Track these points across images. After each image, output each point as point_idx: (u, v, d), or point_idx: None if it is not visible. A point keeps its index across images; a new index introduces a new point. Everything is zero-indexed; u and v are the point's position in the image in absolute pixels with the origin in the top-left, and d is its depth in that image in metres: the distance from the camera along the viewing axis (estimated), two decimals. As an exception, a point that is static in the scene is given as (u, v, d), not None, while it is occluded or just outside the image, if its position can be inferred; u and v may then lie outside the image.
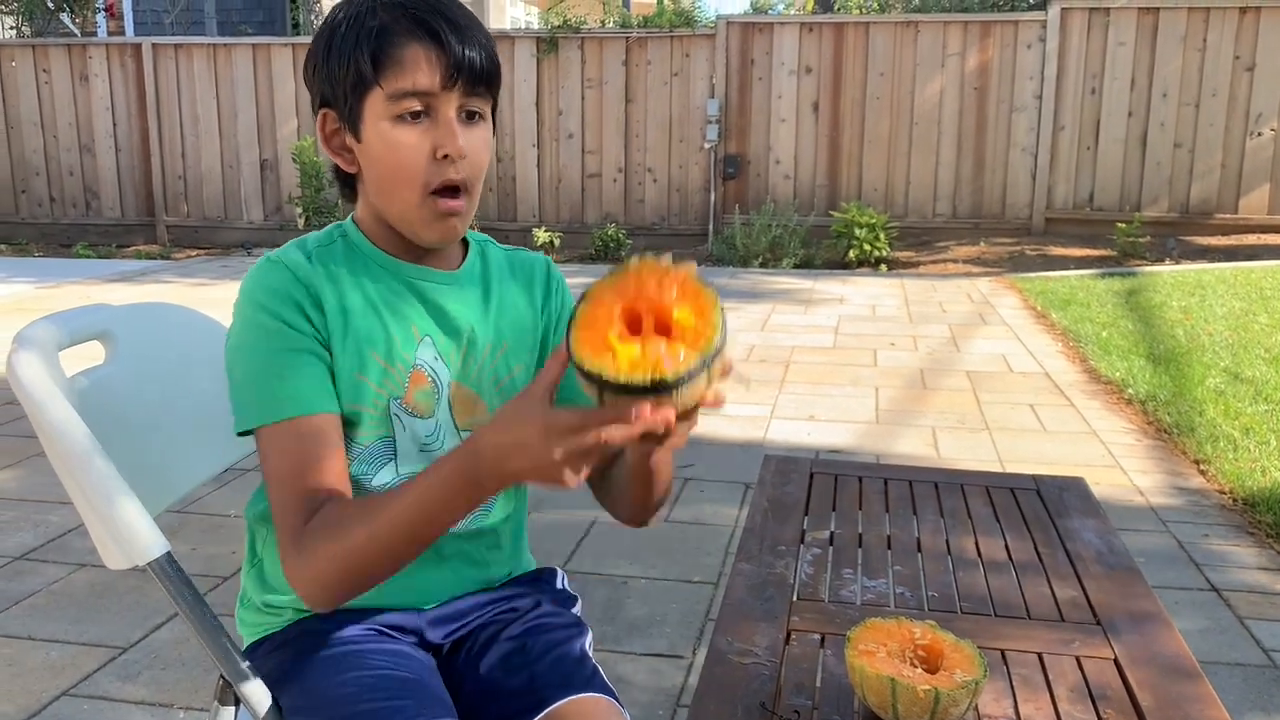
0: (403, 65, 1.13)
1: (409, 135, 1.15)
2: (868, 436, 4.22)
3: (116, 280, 8.51)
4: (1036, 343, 5.93)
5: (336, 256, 1.23)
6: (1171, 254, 8.77)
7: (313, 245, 1.24)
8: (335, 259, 1.23)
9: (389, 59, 1.13)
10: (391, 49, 1.13)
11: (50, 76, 10.71)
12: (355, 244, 1.25)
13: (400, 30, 1.13)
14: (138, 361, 1.33)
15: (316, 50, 1.19)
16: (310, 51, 1.21)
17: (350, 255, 1.24)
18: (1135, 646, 1.31)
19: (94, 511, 1.14)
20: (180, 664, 2.48)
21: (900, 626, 1.20)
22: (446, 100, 1.15)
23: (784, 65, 9.73)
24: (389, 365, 1.22)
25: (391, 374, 1.22)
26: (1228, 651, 2.53)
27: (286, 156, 10.33)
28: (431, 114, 1.15)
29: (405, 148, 1.15)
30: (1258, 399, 4.49)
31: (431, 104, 1.15)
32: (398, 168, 1.16)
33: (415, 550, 1.08)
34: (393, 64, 1.13)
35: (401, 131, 1.15)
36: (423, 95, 1.14)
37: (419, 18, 1.14)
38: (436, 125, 1.15)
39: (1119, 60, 9.32)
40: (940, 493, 1.83)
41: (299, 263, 1.20)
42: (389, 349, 1.22)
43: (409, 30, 1.13)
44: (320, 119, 1.21)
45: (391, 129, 1.15)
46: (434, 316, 1.25)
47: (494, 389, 1.30)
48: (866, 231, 8.93)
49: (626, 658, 2.51)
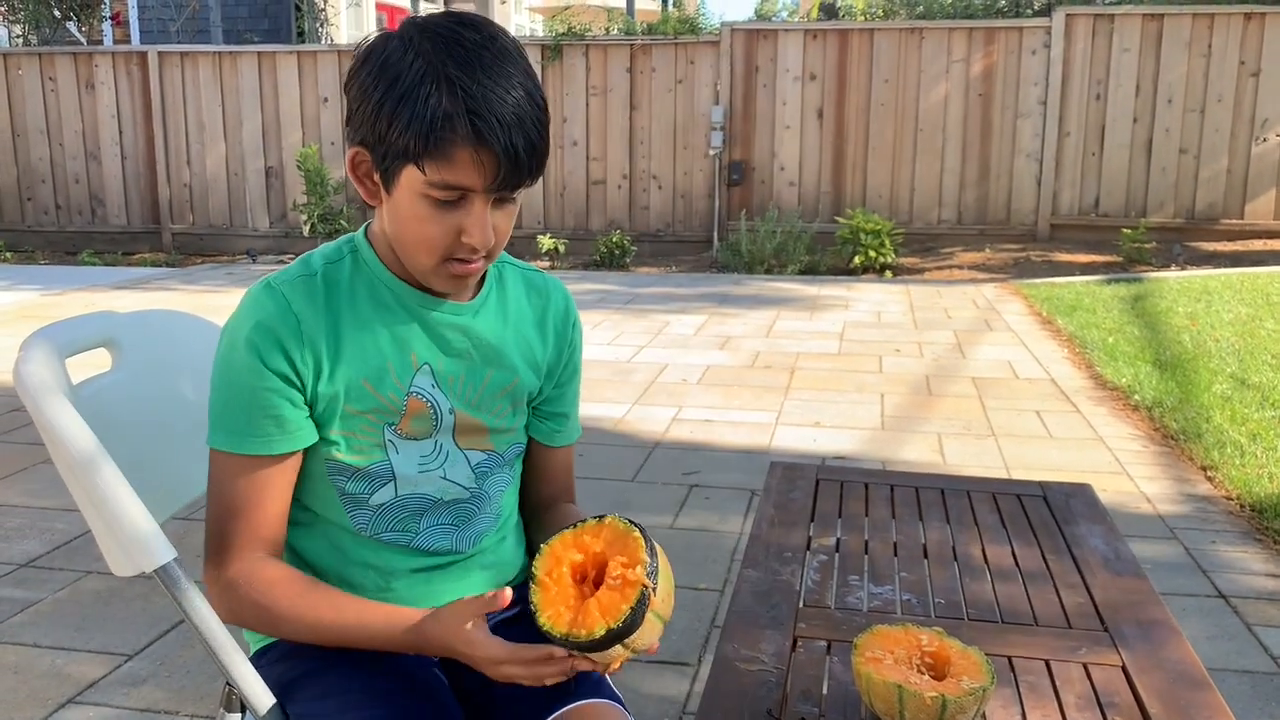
0: (452, 162, 1.09)
1: (439, 217, 1.14)
2: (873, 443, 4.22)
3: (122, 287, 8.53)
4: (1042, 349, 5.92)
5: (343, 276, 1.23)
6: (1177, 259, 8.76)
7: (319, 264, 1.24)
8: (340, 281, 1.23)
9: (440, 153, 1.09)
10: (445, 145, 1.08)
11: (56, 85, 10.75)
12: (365, 262, 1.24)
13: (458, 128, 1.07)
14: (143, 369, 1.34)
15: (367, 89, 1.12)
16: (359, 82, 1.13)
17: (356, 275, 1.24)
18: (1143, 654, 1.30)
19: (100, 518, 1.14)
20: (186, 671, 2.48)
21: (907, 633, 1.19)
22: (484, 196, 1.13)
23: (788, 72, 9.74)
24: (379, 394, 1.22)
25: (383, 402, 1.22)
26: (1236, 659, 2.52)
27: (292, 164, 10.35)
28: (466, 201, 1.13)
29: (433, 226, 1.14)
30: (1264, 404, 4.48)
31: (468, 195, 1.13)
32: (421, 239, 1.15)
33: (338, 645, 1.21)
34: (443, 158, 1.09)
35: (433, 212, 1.13)
36: (464, 190, 1.12)
37: (478, 124, 1.07)
38: (469, 214, 1.14)
39: (1124, 66, 9.31)
40: (946, 499, 1.82)
41: (295, 291, 1.20)
42: (381, 378, 1.22)
43: (465, 133, 1.08)
44: (353, 153, 1.18)
45: (424, 206, 1.13)
46: (437, 344, 1.25)
47: (497, 419, 1.30)
48: (871, 238, 8.92)
49: (633, 664, 2.49)
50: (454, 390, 1.26)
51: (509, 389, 1.30)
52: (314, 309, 1.20)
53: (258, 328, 1.18)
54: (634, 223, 10.15)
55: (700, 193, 10.02)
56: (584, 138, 10.10)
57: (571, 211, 10.25)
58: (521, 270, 1.37)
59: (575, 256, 9.94)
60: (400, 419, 1.23)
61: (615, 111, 10.02)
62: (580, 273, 9.31)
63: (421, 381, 1.24)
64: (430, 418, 1.25)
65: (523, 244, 10.01)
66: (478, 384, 1.27)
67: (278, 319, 1.18)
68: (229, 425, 1.19)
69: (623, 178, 10.12)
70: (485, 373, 1.28)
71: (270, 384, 1.18)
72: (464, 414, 1.27)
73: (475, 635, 1.10)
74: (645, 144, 10.04)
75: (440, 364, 1.25)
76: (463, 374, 1.26)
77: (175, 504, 1.34)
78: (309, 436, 1.21)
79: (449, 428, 1.26)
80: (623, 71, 9.96)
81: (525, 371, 1.32)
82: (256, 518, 1.20)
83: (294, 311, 1.19)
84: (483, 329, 1.28)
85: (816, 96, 9.75)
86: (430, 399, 1.24)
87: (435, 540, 1.29)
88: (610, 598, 1.06)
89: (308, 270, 1.23)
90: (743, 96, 9.83)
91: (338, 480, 1.24)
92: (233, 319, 1.21)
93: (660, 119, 9.98)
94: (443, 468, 1.27)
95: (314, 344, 1.19)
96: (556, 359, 1.36)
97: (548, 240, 9.81)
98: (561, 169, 10.18)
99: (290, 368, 1.18)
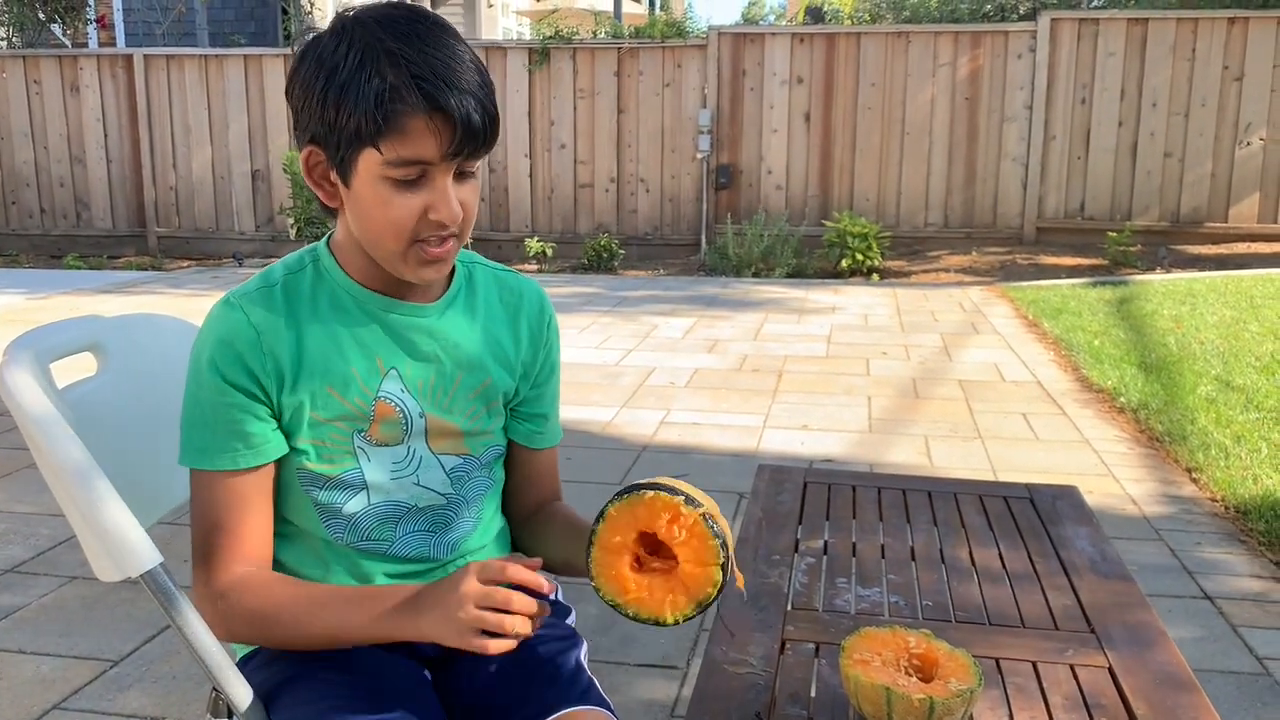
0: (406, 134, 1.09)
1: (402, 197, 1.13)
2: (861, 446, 4.23)
3: (108, 291, 8.49)
4: (1028, 352, 5.95)
5: (303, 287, 1.23)
6: (1162, 263, 8.81)
7: (280, 275, 1.23)
8: (301, 289, 1.23)
9: (393, 126, 1.08)
10: (396, 117, 1.08)
11: (41, 88, 10.70)
12: (326, 271, 1.24)
13: (407, 98, 1.08)
14: (129, 373, 1.33)
15: (309, 85, 1.12)
16: (300, 80, 1.14)
17: (318, 285, 1.23)
18: (1129, 655, 1.31)
19: (86, 523, 1.13)
20: (172, 677, 2.47)
21: (895, 635, 1.19)
22: (444, 168, 1.13)
23: (775, 75, 9.77)
24: (345, 400, 1.22)
25: (349, 409, 1.22)
26: (1221, 660, 2.53)
27: (278, 167, 10.33)
28: (427, 177, 1.13)
29: (398, 208, 1.13)
30: (1249, 407, 4.50)
31: (428, 170, 1.12)
32: (386, 224, 1.14)
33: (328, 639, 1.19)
34: (396, 131, 1.09)
35: (395, 193, 1.13)
36: (423, 164, 1.12)
37: (426, 87, 1.08)
38: (432, 189, 1.13)
39: (1109, 70, 9.36)
40: (934, 502, 1.83)
41: (254, 304, 1.20)
42: (346, 384, 1.22)
43: (415, 100, 1.08)
44: (306, 153, 1.17)
45: (385, 189, 1.13)
46: (403, 348, 1.24)
47: (471, 421, 1.29)
48: (859, 241, 8.94)
49: (621, 669, 2.50)
50: (424, 394, 1.25)
51: (481, 390, 1.29)
52: (274, 320, 1.20)
53: (218, 345, 1.18)
54: (622, 226, 10.16)
55: (688, 196, 10.03)
56: (571, 141, 10.10)
57: (559, 214, 10.25)
58: (493, 270, 1.35)
59: (563, 260, 9.93)
60: (369, 425, 1.23)
61: (603, 115, 10.03)
62: (568, 276, 9.31)
63: (390, 386, 1.23)
64: (400, 423, 1.24)
65: (510, 248, 10.01)
66: (448, 387, 1.27)
67: (237, 334, 1.18)
68: (197, 443, 1.20)
69: (610, 181, 10.12)
70: (455, 375, 1.27)
71: (234, 400, 1.18)
72: (435, 417, 1.26)
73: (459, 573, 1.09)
74: (633, 147, 10.05)
75: (408, 368, 1.24)
76: (432, 377, 1.25)
77: (161, 509, 1.33)
78: (278, 449, 1.21)
79: (420, 432, 1.25)
80: (610, 75, 9.96)
81: (498, 371, 1.30)
82: (239, 530, 1.21)
83: (253, 325, 1.19)
84: (448, 329, 1.27)
85: (804, 100, 9.77)
86: (399, 403, 1.24)
87: (412, 547, 1.28)
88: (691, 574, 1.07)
89: (267, 282, 1.23)
90: (730, 100, 9.84)
91: (310, 490, 1.24)
92: (197, 339, 1.22)
93: (648, 122, 9.99)
94: (416, 473, 1.26)
95: (275, 355, 1.19)
96: (533, 358, 1.35)
97: (535, 243, 9.81)
98: (549, 172, 10.18)
99: (253, 381, 1.19)
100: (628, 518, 1.08)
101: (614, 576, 1.08)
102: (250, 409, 1.19)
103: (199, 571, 1.21)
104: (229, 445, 1.19)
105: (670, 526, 1.07)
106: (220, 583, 1.20)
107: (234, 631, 1.22)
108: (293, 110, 1.17)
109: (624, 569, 1.08)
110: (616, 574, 1.08)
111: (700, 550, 1.07)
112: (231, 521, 1.20)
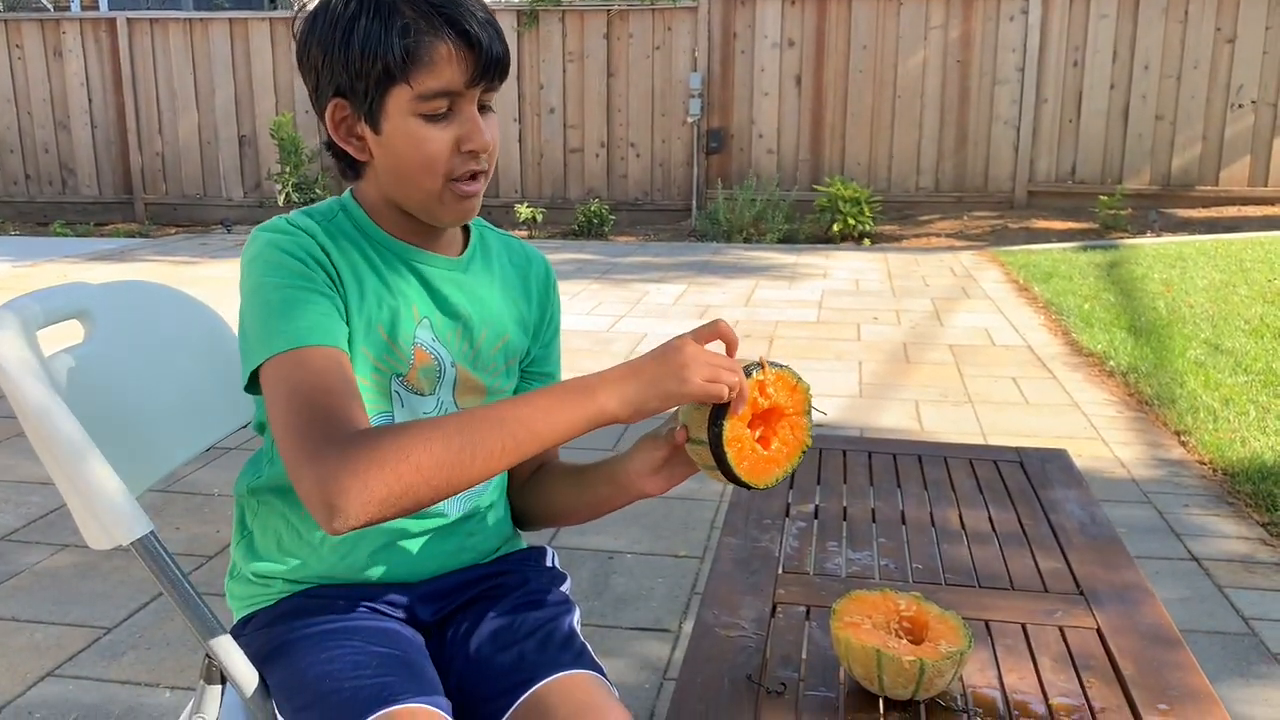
0: (434, 65, 1.12)
1: (436, 132, 1.15)
2: (851, 410, 4.24)
3: (95, 259, 8.43)
4: (1019, 316, 5.96)
5: (344, 229, 1.23)
6: (1153, 226, 8.81)
7: (319, 216, 1.23)
8: (342, 231, 1.22)
9: (419, 58, 1.11)
10: (422, 48, 1.11)
11: (23, 52, 10.56)
12: (356, 220, 1.24)
13: (430, 29, 1.11)
14: (117, 340, 1.32)
15: (327, 41, 1.14)
16: (316, 40, 1.16)
17: (353, 230, 1.24)
18: (1117, 616, 1.32)
19: (76, 492, 1.13)
20: (166, 643, 2.48)
21: (885, 598, 1.20)
22: (470, 97, 1.15)
23: (767, 38, 9.69)
24: (392, 341, 1.22)
25: (395, 350, 1.22)
26: (1207, 620, 2.56)
27: (265, 132, 10.23)
28: (455, 109, 1.15)
29: (433, 143, 1.15)
30: (1237, 370, 4.52)
31: (455, 102, 1.15)
32: (424, 162, 1.16)
33: (490, 458, 1.02)
34: (423, 63, 1.11)
35: (429, 129, 1.14)
36: (451, 95, 1.14)
37: (447, 15, 1.12)
38: (461, 121, 1.15)
39: (1101, 32, 9.31)
40: (924, 465, 1.84)
41: (313, 228, 1.20)
42: (394, 325, 1.22)
43: (438, 29, 1.11)
44: (331, 108, 1.17)
45: (416, 125, 1.14)
46: (434, 300, 1.25)
47: (493, 378, 1.30)
48: (850, 205, 8.92)
49: (613, 632, 2.52)
50: (452, 346, 1.26)
51: (501, 345, 1.31)
52: (331, 244, 1.19)
53: (291, 242, 1.15)
54: (612, 191, 10.11)
55: (679, 160, 9.98)
56: (561, 105, 10.03)
57: (549, 180, 10.19)
58: (500, 235, 1.38)
59: (553, 225, 9.89)
60: (409, 370, 1.23)
61: (592, 78, 9.95)
62: (559, 242, 9.27)
63: (423, 335, 1.24)
64: (435, 371, 1.25)
65: (500, 213, 9.96)
66: (474, 341, 1.28)
67: (304, 241, 1.17)
68: (283, 329, 1.09)
69: (600, 145, 10.06)
70: (481, 330, 1.28)
71: (313, 283, 1.13)
72: (464, 369, 1.27)
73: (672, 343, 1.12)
74: (623, 111, 9.98)
75: (438, 319, 1.25)
76: (459, 329, 1.27)
77: (151, 477, 1.33)
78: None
79: (451, 382, 1.26)
80: (600, 38, 9.87)
81: (515, 329, 1.33)
82: (350, 391, 1.07)
83: (319, 241, 1.18)
84: (474, 282, 1.29)
85: (795, 63, 9.70)
86: (434, 352, 1.25)
87: None
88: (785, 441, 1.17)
89: (312, 217, 1.22)
90: (721, 63, 9.77)
91: None
92: (255, 244, 1.16)
93: (638, 86, 9.91)
94: None
95: (339, 273, 1.18)
96: (540, 318, 1.37)
97: (525, 209, 9.76)
98: (538, 136, 10.11)
99: (327, 276, 1.16)
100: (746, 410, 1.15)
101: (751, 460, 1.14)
102: (331, 295, 1.15)
103: (318, 444, 1.00)
104: (325, 323, 1.11)
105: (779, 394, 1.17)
106: (344, 433, 1.01)
107: (378, 472, 0.98)
108: (310, 72, 1.18)
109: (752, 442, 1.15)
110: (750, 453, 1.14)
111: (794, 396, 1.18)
112: (341, 388, 1.07)
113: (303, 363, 1.07)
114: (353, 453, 0.99)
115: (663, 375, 1.08)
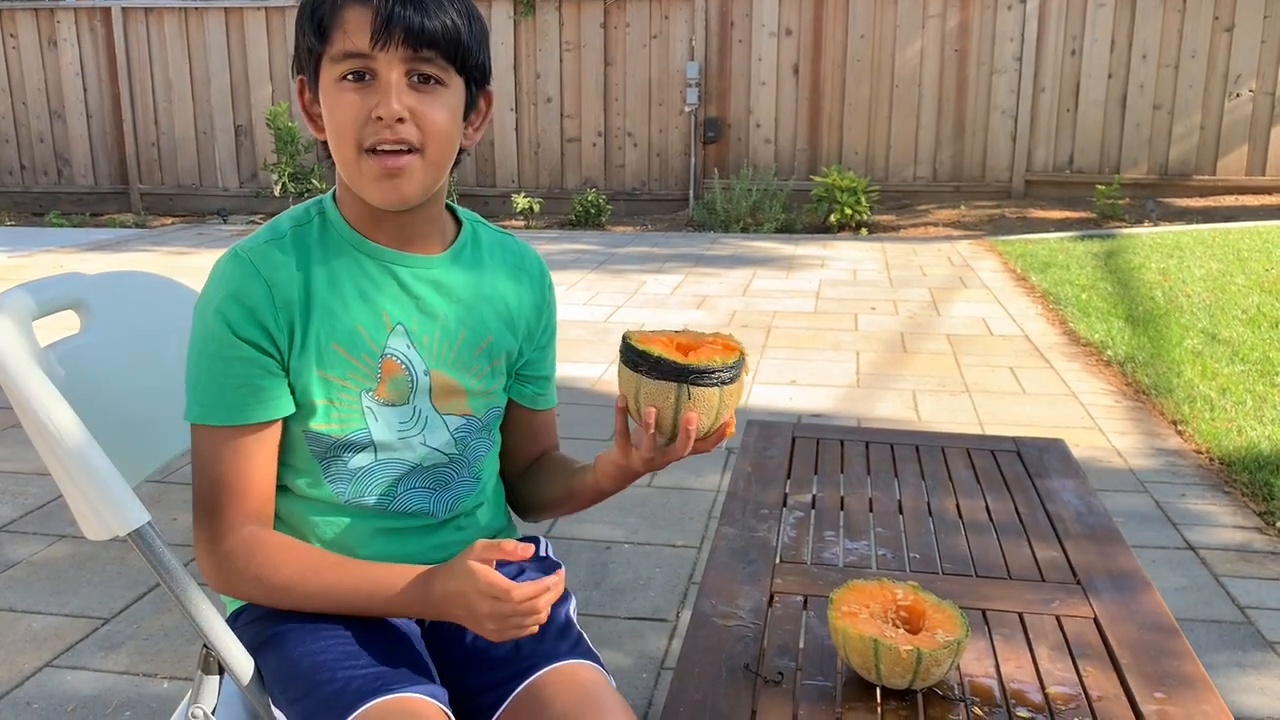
0: (342, 28, 1.14)
1: (347, 96, 1.16)
2: (849, 400, 4.24)
3: (90, 249, 8.41)
4: (1016, 305, 5.96)
5: (310, 238, 1.23)
6: (1150, 216, 8.81)
7: (287, 226, 1.23)
8: (309, 241, 1.22)
9: (331, 23, 1.15)
10: (332, 13, 1.15)
11: (18, 41, 10.52)
12: (331, 224, 1.24)
13: None
14: (113, 330, 1.32)
15: (298, 20, 1.21)
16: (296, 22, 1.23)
17: (325, 237, 1.23)
18: (1114, 605, 1.32)
19: (72, 483, 1.12)
20: (163, 634, 2.48)
21: (882, 588, 1.20)
22: (386, 62, 1.14)
23: (764, 27, 9.66)
24: (353, 358, 1.22)
25: (357, 366, 1.22)
26: (1204, 609, 2.56)
27: (261, 122, 10.20)
28: (375, 77, 1.15)
29: (342, 107, 1.16)
30: (1234, 359, 4.53)
31: (371, 66, 1.15)
32: (337, 127, 1.17)
33: (336, 612, 1.21)
34: (334, 28, 1.15)
35: (342, 92, 1.16)
36: (359, 56, 1.14)
37: None
38: (378, 90, 1.15)
39: (1099, 21, 9.29)
40: (921, 455, 1.84)
41: (263, 257, 1.20)
42: (353, 341, 1.21)
43: None
44: (298, 85, 1.23)
45: (335, 90, 1.17)
46: (410, 302, 1.25)
47: (475, 380, 1.30)
48: (847, 195, 8.91)
49: (611, 621, 2.52)
50: (429, 349, 1.25)
51: (484, 346, 1.29)
52: (284, 273, 1.19)
53: (228, 299, 1.17)
54: (609, 181, 10.09)
55: (676, 150, 9.96)
56: (558, 94, 10.00)
57: (546, 170, 10.17)
58: (495, 231, 1.38)
59: (550, 216, 9.87)
60: (377, 384, 1.23)
61: (589, 68, 9.92)
62: (556, 232, 9.26)
63: (395, 343, 1.23)
64: (406, 381, 1.24)
65: (497, 203, 9.94)
66: (453, 342, 1.27)
67: (248, 288, 1.17)
68: (205, 399, 1.19)
69: (598, 135, 10.04)
70: (459, 330, 1.27)
71: (244, 354, 1.17)
72: (440, 374, 1.26)
73: (479, 568, 1.11)
74: (620, 101, 9.95)
75: (414, 323, 1.24)
76: (437, 332, 1.26)
77: (149, 467, 1.32)
78: (286, 406, 1.21)
79: (425, 390, 1.25)
80: (597, 27, 9.84)
81: (500, 329, 1.31)
82: (243, 487, 1.20)
83: (263, 278, 1.18)
84: (454, 282, 1.27)
85: (793, 53, 9.68)
86: (404, 360, 1.24)
87: (413, 504, 1.29)
88: (712, 350, 1.17)
89: (275, 234, 1.22)
90: (718, 52, 9.74)
91: (315, 448, 1.24)
92: (204, 293, 1.21)
93: (635, 75, 9.89)
94: (422, 433, 1.27)
95: (287, 308, 1.19)
96: (535, 319, 1.36)
97: (522, 199, 9.74)
98: (535, 126, 10.09)
99: (264, 335, 1.18)
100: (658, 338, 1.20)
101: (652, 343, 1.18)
102: (261, 363, 1.18)
103: (202, 528, 1.21)
104: (238, 400, 1.18)
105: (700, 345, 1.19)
106: (226, 543, 1.20)
107: (237, 590, 1.22)
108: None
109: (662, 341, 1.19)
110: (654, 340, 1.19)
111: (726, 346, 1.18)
112: (237, 478, 1.20)
113: (211, 440, 1.20)
114: (226, 566, 1.20)
115: (470, 621, 1.14)
